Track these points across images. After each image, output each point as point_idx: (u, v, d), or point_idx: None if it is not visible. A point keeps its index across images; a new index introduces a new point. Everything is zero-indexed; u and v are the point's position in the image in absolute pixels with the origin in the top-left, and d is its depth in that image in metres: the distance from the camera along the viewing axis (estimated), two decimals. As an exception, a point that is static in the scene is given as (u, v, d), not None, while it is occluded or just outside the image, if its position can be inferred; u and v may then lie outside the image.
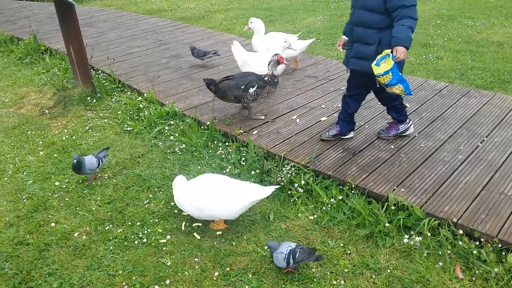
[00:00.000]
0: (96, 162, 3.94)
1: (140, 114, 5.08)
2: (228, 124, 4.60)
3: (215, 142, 4.44)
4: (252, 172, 3.89)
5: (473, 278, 2.86)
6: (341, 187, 3.61)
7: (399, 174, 3.63)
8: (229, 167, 4.06)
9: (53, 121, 5.26)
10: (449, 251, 3.01)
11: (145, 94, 5.38)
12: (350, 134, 4.23)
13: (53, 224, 3.54)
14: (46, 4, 12.03)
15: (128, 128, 4.87)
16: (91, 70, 5.86)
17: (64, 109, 5.48)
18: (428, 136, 4.19)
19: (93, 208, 3.69)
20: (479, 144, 4.04)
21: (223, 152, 4.30)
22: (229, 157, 4.21)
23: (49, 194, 3.92)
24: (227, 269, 3.03)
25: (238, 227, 3.41)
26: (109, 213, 3.62)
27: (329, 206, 3.49)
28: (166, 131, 4.72)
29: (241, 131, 4.43)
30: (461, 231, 3.05)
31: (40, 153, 4.58)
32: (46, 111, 5.52)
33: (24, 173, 4.27)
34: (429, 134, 4.24)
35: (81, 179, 4.08)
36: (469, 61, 6.65)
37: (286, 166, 3.84)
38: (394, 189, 3.45)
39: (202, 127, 4.68)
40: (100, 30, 8.53)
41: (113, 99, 5.53)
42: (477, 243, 2.98)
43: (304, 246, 2.96)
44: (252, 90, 4.43)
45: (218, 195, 3.26)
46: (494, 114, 4.57)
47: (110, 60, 6.55)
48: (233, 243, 3.26)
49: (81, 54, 5.42)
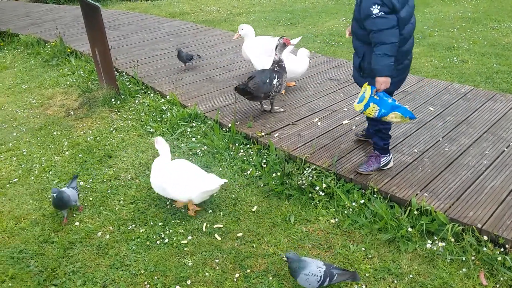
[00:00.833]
0: (76, 193, 3.70)
1: (163, 115, 5.14)
2: (249, 127, 4.61)
3: (237, 144, 4.46)
4: (273, 174, 3.90)
5: (498, 285, 2.80)
6: (362, 191, 3.59)
7: (423, 179, 3.59)
8: (250, 169, 4.07)
9: (78, 122, 5.37)
10: (473, 257, 2.96)
11: (168, 96, 5.44)
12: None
13: (77, 223, 3.61)
14: (71, 7, 12.29)
15: (151, 130, 4.93)
16: (115, 72, 5.96)
17: (88, 110, 5.58)
18: (452, 140, 4.13)
19: (116, 208, 3.75)
20: (505, 149, 3.96)
21: (244, 154, 4.32)
22: (250, 159, 4.23)
23: (74, 193, 4.00)
24: (248, 271, 3.04)
25: (259, 229, 3.42)
26: (132, 213, 3.68)
27: (351, 210, 3.47)
28: (188, 132, 4.77)
29: (263, 134, 4.44)
30: (485, 237, 3.00)
31: (66, 153, 4.68)
32: (72, 112, 5.63)
33: (50, 173, 4.36)
34: (454, 138, 4.17)
35: (105, 179, 4.15)
36: (495, 65, 6.53)
37: (307, 169, 3.83)
38: (417, 194, 3.41)
39: (224, 129, 4.71)
40: (124, 33, 8.67)
41: (136, 101, 5.61)
42: (502, 249, 2.93)
43: (334, 265, 2.85)
44: (275, 81, 4.61)
45: (178, 180, 3.54)
46: (521, 118, 4.48)
47: (133, 62, 6.65)
48: (254, 245, 3.27)
49: (106, 57, 5.51)
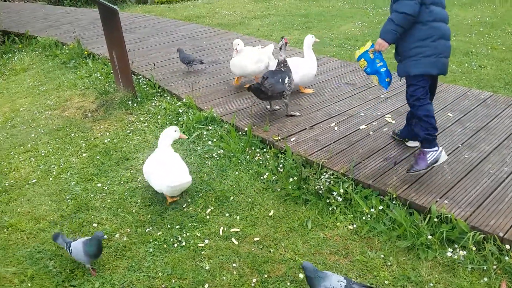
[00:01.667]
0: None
1: (179, 118, 5.16)
2: (265, 131, 4.61)
3: (253, 148, 4.45)
4: (290, 179, 3.88)
5: (521, 296, 2.76)
6: (381, 197, 3.55)
7: (442, 186, 3.54)
8: (267, 173, 4.06)
9: (95, 124, 5.41)
10: (494, 267, 2.91)
11: (184, 99, 5.46)
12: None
13: (95, 225, 3.64)
14: (88, 10, 12.44)
15: (168, 133, 4.95)
16: (132, 75, 6.00)
17: (106, 113, 5.63)
18: (472, 147, 4.08)
19: (133, 210, 3.77)
20: (527, 156, 3.90)
21: (260, 158, 4.31)
22: (267, 163, 4.22)
23: (92, 195, 4.03)
24: (265, 276, 3.03)
25: (276, 234, 3.41)
26: (149, 216, 3.69)
27: (369, 216, 3.44)
28: (204, 136, 4.78)
29: (279, 138, 4.43)
30: (507, 246, 2.94)
31: (83, 155, 4.72)
32: (89, 114, 5.68)
33: (68, 174, 4.40)
34: (473, 145, 4.12)
35: (122, 181, 4.17)
36: (514, 70, 6.44)
37: (324, 174, 3.81)
38: (437, 201, 3.36)
39: (240, 132, 4.71)
40: (141, 36, 8.74)
41: (153, 104, 5.64)
42: (525, 259, 2.87)
43: (355, 281, 2.80)
44: (286, 80, 4.72)
45: (156, 171, 3.71)
46: (542, 125, 4.41)
47: (150, 65, 6.69)
48: (271, 250, 3.25)
49: (124, 60, 5.55)
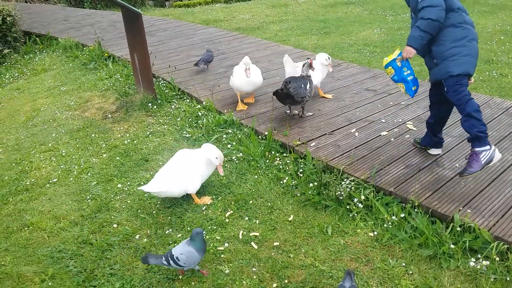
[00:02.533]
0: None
1: (199, 121, 5.18)
2: (285, 135, 4.60)
3: (273, 152, 4.45)
4: (310, 184, 3.87)
5: (547, 309, 2.70)
6: (403, 204, 3.52)
7: (465, 194, 3.49)
8: (286, 178, 4.05)
9: (115, 125, 5.46)
10: (519, 278, 2.86)
11: (203, 102, 5.48)
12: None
13: (115, 225, 3.66)
14: (108, 12, 12.59)
15: (187, 135, 4.97)
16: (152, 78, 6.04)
17: (126, 114, 5.68)
18: (495, 156, 4.02)
19: (153, 212, 3.79)
20: (552, 166, 3.83)
21: (280, 162, 4.30)
22: (286, 168, 4.20)
23: (112, 195, 4.06)
24: (285, 281, 3.01)
25: (296, 239, 3.39)
26: (169, 218, 3.70)
27: (390, 223, 3.40)
28: (223, 139, 4.79)
29: (299, 142, 4.42)
30: (533, 258, 2.89)
31: (103, 156, 4.76)
32: (109, 115, 5.74)
33: (89, 174, 4.44)
34: (497, 154, 4.06)
35: (142, 182, 4.20)
36: (537, 79, 6.34)
37: (345, 180, 3.79)
38: (459, 210, 3.32)
39: (260, 136, 4.70)
40: (161, 38, 8.81)
41: (172, 106, 5.68)
42: (552, 272, 2.82)
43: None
44: (308, 86, 4.75)
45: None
46: None
47: (170, 68, 6.74)
48: (291, 255, 3.24)
49: (145, 62, 5.60)
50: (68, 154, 4.89)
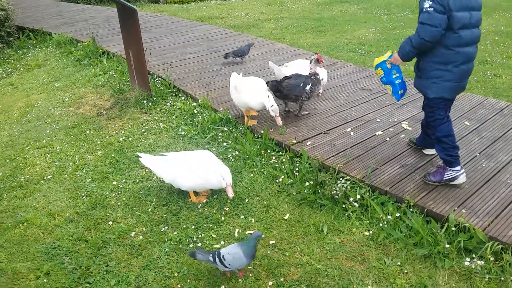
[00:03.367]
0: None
1: (194, 119, 5.17)
2: (281, 134, 4.60)
3: (268, 151, 4.45)
4: (306, 183, 3.88)
5: (540, 309, 2.73)
6: (398, 204, 3.54)
7: (460, 195, 3.52)
8: (282, 176, 4.06)
9: (110, 122, 5.43)
10: (512, 278, 2.89)
11: (199, 100, 5.47)
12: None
13: (110, 223, 3.65)
14: (102, 8, 12.51)
15: (183, 133, 4.96)
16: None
17: (120, 111, 5.65)
18: (489, 157, 4.05)
19: (149, 209, 3.78)
20: (545, 167, 3.87)
21: (276, 161, 4.31)
22: (282, 166, 4.21)
23: (107, 193, 4.04)
24: (281, 279, 3.02)
25: (291, 237, 3.40)
26: (164, 215, 3.70)
27: (385, 222, 3.42)
28: (219, 137, 4.78)
29: (295, 141, 4.42)
30: (527, 258, 2.92)
31: (98, 152, 4.74)
32: (104, 112, 5.71)
33: (83, 171, 4.42)
34: (491, 154, 4.09)
35: (137, 180, 4.18)
36: (530, 80, 6.40)
37: (341, 179, 3.80)
38: (454, 210, 3.35)
39: (255, 135, 4.70)
40: (155, 35, 8.77)
41: (168, 104, 5.66)
42: (545, 271, 2.85)
43: None
44: (308, 87, 4.71)
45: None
46: (560, 137, 4.38)
47: (165, 65, 6.71)
48: (286, 254, 3.25)
49: (140, 59, 5.58)
50: (63, 151, 4.86)
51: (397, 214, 3.42)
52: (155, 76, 6.39)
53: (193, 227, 3.54)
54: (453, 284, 2.93)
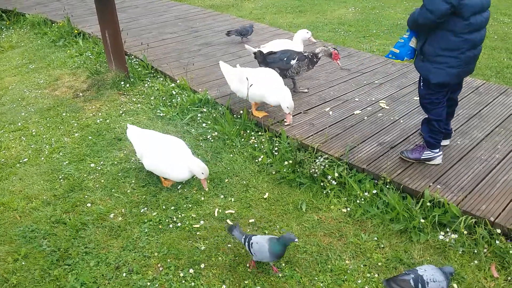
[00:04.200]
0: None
1: (173, 100, 5.13)
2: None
3: (248, 131, 4.45)
4: (285, 162, 3.90)
5: (509, 278, 2.83)
6: (375, 181, 3.59)
7: (435, 171, 3.59)
8: (261, 156, 4.07)
9: (87, 104, 5.35)
10: (485, 250, 2.98)
11: (177, 81, 5.42)
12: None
13: (89, 205, 3.62)
14: (77, -12, 12.15)
15: (161, 114, 4.92)
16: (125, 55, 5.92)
17: (97, 93, 5.56)
18: (464, 134, 4.13)
19: (128, 191, 3.76)
20: (517, 143, 3.97)
21: (255, 141, 4.31)
22: (262, 146, 4.22)
23: (85, 175, 4.00)
24: (260, 256, 3.05)
25: (271, 215, 3.44)
26: (144, 196, 3.68)
27: (363, 199, 3.48)
28: (198, 118, 4.76)
29: (274, 121, 4.43)
30: (498, 230, 3.01)
31: (75, 135, 4.67)
32: (80, 94, 5.61)
33: (60, 154, 4.36)
34: (466, 132, 4.17)
35: (115, 162, 4.15)
36: (505, 59, 6.50)
37: (319, 157, 3.83)
38: (430, 186, 3.42)
39: (235, 115, 4.69)
40: (132, 15, 8.60)
41: (146, 85, 5.59)
42: (515, 243, 2.95)
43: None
44: (293, 62, 4.74)
45: None
46: (532, 114, 4.48)
47: (142, 46, 6.60)
48: (266, 232, 3.28)
49: (117, 39, 5.48)
50: (39, 134, 4.77)
51: (374, 191, 3.48)
52: (133, 57, 6.29)
53: (172, 207, 3.54)
54: (428, 257, 3.01)
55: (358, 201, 3.48)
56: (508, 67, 6.21)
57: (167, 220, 3.41)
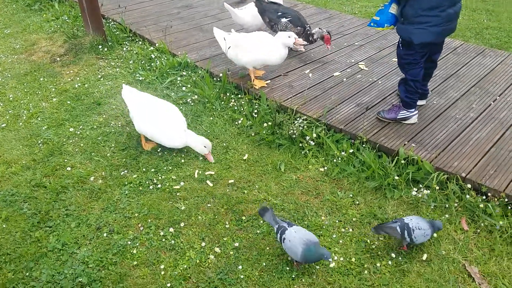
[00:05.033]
0: None
1: (152, 64, 5.08)
2: (241, 77, 4.59)
3: (228, 94, 4.45)
4: (264, 124, 3.93)
5: (478, 230, 2.94)
6: (352, 141, 3.66)
7: (411, 130, 3.66)
8: (241, 119, 4.09)
9: (64, 69, 5.27)
10: (455, 204, 3.09)
11: (156, 44, 5.35)
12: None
13: (69, 168, 3.63)
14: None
15: (140, 78, 4.88)
16: (102, 19, 5.79)
17: (75, 57, 5.47)
18: (441, 94, 4.19)
19: (107, 154, 3.77)
20: (492, 102, 4.04)
21: (235, 104, 4.33)
22: (241, 109, 4.24)
23: (64, 139, 3.99)
24: (239, 215, 3.12)
25: (250, 176, 3.49)
26: (124, 160, 3.70)
27: (340, 159, 3.54)
28: (178, 82, 4.73)
29: (254, 84, 4.43)
30: (469, 186, 3.11)
31: (53, 100, 4.62)
32: (58, 59, 5.51)
33: (39, 119, 4.32)
34: (442, 91, 4.23)
35: (95, 126, 4.13)
36: (485, 20, 6.53)
37: (298, 119, 3.87)
38: (405, 144, 3.49)
39: (215, 78, 4.68)
40: (109, -22, 8.35)
41: (124, 49, 5.51)
42: (484, 197, 3.05)
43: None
44: (284, 20, 4.72)
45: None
46: (508, 73, 4.54)
47: (120, 8, 6.46)
48: (245, 191, 3.34)
49: (93, 2, 5.36)
50: (16, 99, 4.71)
51: (351, 151, 3.54)
52: (110, 20, 6.17)
53: (153, 169, 3.58)
54: (401, 212, 3.11)
55: (335, 161, 3.55)
56: (487, 28, 6.25)
57: (147, 182, 3.45)
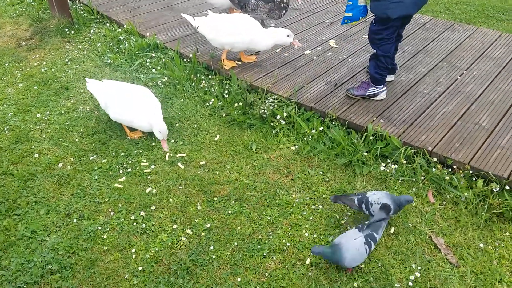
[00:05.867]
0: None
1: (121, 46, 4.98)
2: (211, 57, 4.55)
3: (198, 75, 4.41)
4: (235, 104, 3.92)
5: (444, 202, 3.02)
6: (322, 118, 3.68)
7: (379, 106, 3.70)
8: (212, 99, 4.07)
9: (30, 53, 5.12)
10: (422, 178, 3.15)
11: (125, 26, 5.24)
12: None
13: (36, 155, 3.57)
14: None
15: (109, 61, 4.78)
16: (68, 0, 5.63)
17: (41, 41, 5.32)
18: (409, 69, 4.23)
19: (76, 140, 3.71)
20: (458, 77, 4.10)
21: (206, 85, 4.29)
22: (212, 90, 4.21)
23: (31, 126, 3.91)
24: (211, 196, 3.13)
25: (222, 157, 3.49)
26: (93, 144, 3.65)
27: (310, 137, 3.57)
28: (147, 64, 4.66)
29: (224, 64, 4.39)
30: (435, 159, 3.18)
31: (19, 86, 4.51)
32: (23, 43, 5.36)
33: (4, 105, 4.21)
34: (410, 67, 4.27)
35: (62, 111, 4.06)
36: (455, -5, 6.58)
37: (268, 98, 3.86)
38: (373, 120, 3.53)
39: (185, 60, 4.62)
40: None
41: (91, 31, 5.38)
42: (450, 170, 3.12)
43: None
44: (260, 2, 4.64)
45: None
46: (475, 47, 4.61)
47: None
48: (216, 172, 3.34)
49: (57, -17, 5.19)
50: (-20, 86, 4.58)
51: (321, 128, 3.57)
52: (77, 2, 6.00)
53: (122, 154, 3.54)
54: (370, 187, 3.16)
55: (306, 139, 3.57)
56: (457, 3, 6.30)
57: (117, 167, 3.41)
